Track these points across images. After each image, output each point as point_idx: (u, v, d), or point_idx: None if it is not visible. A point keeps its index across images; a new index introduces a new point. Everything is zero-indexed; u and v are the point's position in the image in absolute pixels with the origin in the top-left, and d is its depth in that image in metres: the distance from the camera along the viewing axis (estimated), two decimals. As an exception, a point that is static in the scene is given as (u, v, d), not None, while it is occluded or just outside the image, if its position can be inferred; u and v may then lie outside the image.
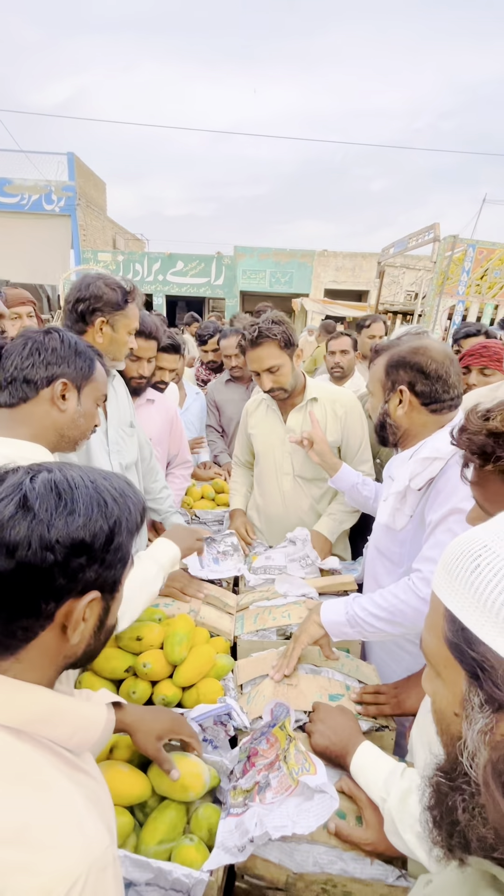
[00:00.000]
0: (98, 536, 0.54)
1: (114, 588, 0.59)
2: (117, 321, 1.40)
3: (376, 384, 1.25)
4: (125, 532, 0.58)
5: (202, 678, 1.12)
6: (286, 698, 1.04)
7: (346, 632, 1.13)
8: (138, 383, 1.79)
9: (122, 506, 0.58)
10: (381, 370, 1.22)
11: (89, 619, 0.57)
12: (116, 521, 0.56)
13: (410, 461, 1.16)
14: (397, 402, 1.20)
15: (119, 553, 0.57)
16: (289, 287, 14.23)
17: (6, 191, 12.99)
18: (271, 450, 1.84)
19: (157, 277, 14.34)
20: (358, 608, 1.12)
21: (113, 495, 0.58)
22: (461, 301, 4.63)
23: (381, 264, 6.33)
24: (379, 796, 0.79)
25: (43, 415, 0.99)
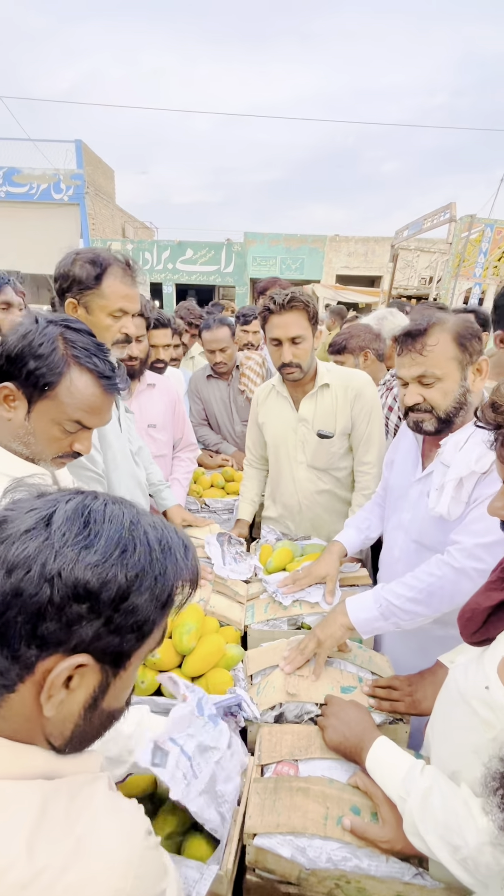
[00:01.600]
0: (108, 586, 0.44)
1: (118, 662, 0.47)
2: (90, 302, 1.22)
3: (448, 364, 1.10)
4: (147, 594, 0.46)
5: (211, 668, 1.10)
6: (297, 690, 1.01)
7: (380, 626, 1.09)
8: (131, 366, 1.71)
9: (154, 561, 0.47)
10: (449, 346, 1.10)
11: (77, 690, 0.46)
12: (138, 575, 0.45)
13: (473, 443, 1.08)
14: (474, 376, 1.12)
15: (133, 618, 0.45)
16: (300, 273, 14.01)
17: (15, 180, 12.95)
18: (283, 439, 1.78)
19: (167, 266, 14.25)
20: (391, 596, 1.07)
21: (150, 545, 0.47)
22: (478, 284, 4.48)
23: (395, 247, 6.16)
24: (397, 794, 0.76)
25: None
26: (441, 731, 0.84)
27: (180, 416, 2.02)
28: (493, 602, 0.77)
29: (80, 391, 0.88)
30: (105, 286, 1.22)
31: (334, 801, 0.82)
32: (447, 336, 1.10)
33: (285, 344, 1.55)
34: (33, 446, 0.89)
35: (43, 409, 0.87)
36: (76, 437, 0.92)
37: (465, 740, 0.75)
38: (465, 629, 0.81)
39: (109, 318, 1.25)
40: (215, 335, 2.36)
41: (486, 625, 0.78)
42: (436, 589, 1.05)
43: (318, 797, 0.82)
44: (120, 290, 1.24)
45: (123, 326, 1.27)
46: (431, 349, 1.10)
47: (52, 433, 0.89)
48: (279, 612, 1.30)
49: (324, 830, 0.78)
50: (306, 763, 0.90)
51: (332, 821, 0.79)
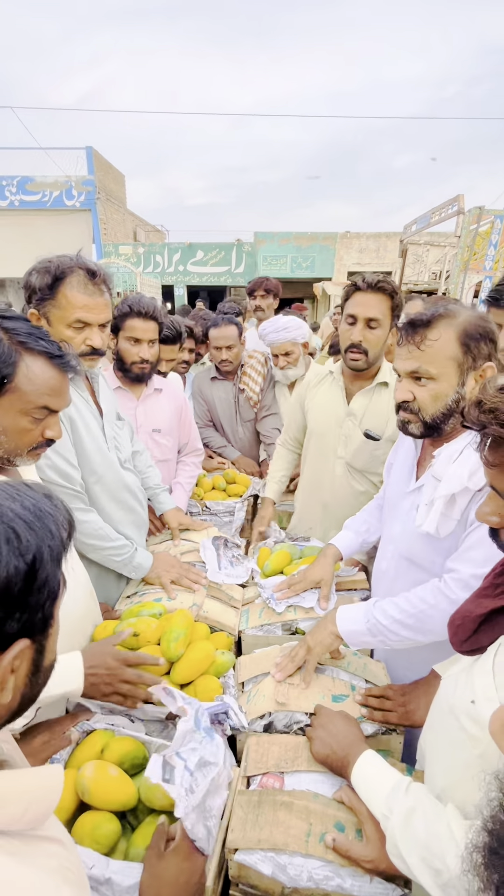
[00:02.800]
0: (13, 580, 0.43)
1: (45, 626, 0.49)
2: (49, 312, 1.16)
3: (446, 364, 0.98)
4: (49, 563, 0.46)
5: (200, 675, 1.08)
6: (286, 699, 0.98)
7: (366, 641, 1.06)
8: (141, 368, 1.69)
9: (39, 532, 0.46)
10: (452, 345, 0.97)
11: (20, 668, 0.47)
12: (35, 555, 0.45)
13: (467, 456, 0.99)
14: (474, 383, 0.98)
15: (46, 589, 0.46)
16: (311, 272, 13.93)
17: (28, 188, 13.19)
18: (327, 429, 1.70)
19: (178, 268, 14.32)
20: (381, 615, 1.03)
21: (27, 520, 0.46)
22: (489, 277, 4.37)
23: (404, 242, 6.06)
24: (381, 812, 0.73)
25: None
26: (432, 745, 0.81)
27: (186, 421, 2.00)
28: (485, 610, 0.73)
29: (38, 376, 0.86)
30: (61, 296, 1.16)
31: (318, 816, 0.79)
32: (452, 333, 0.98)
33: (359, 323, 1.49)
34: (6, 444, 0.88)
35: (7, 405, 0.85)
36: (46, 424, 0.92)
37: (454, 756, 0.72)
38: (455, 637, 0.77)
39: (69, 329, 1.18)
40: (223, 332, 2.34)
41: (476, 633, 0.74)
42: (427, 617, 0.99)
43: (301, 812, 0.80)
44: (78, 300, 1.16)
45: (87, 339, 1.20)
46: (431, 344, 0.99)
47: (21, 425, 0.88)
48: (274, 618, 1.28)
49: (305, 847, 0.75)
50: (292, 776, 0.88)
51: (315, 837, 0.77)
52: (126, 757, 0.90)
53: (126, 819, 0.88)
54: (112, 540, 1.32)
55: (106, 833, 0.80)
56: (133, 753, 0.91)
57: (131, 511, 1.48)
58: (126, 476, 1.45)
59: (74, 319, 1.18)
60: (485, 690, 0.66)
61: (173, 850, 0.69)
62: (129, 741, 0.92)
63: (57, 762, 0.93)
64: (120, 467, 1.43)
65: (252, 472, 2.41)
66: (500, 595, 0.70)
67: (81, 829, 0.80)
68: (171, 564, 1.39)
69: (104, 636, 1.15)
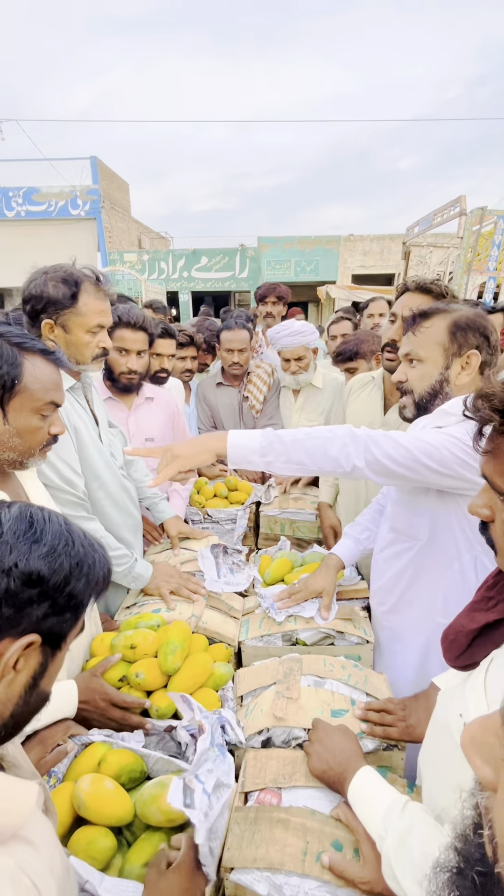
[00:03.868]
0: (57, 573, 0.51)
1: (56, 643, 0.53)
2: (69, 321, 1.23)
3: (434, 348, 1.13)
4: (84, 580, 0.53)
5: (198, 688, 1.07)
6: (284, 714, 0.97)
7: (251, 460, 1.02)
8: (129, 379, 1.71)
9: (88, 551, 0.54)
10: (441, 332, 1.12)
11: (22, 670, 0.50)
12: (79, 563, 0.52)
13: (427, 416, 1.12)
14: (460, 369, 1.12)
15: (72, 601, 0.52)
16: (315, 275, 13.94)
17: (34, 199, 13.37)
18: None
19: (182, 274, 14.40)
20: (283, 433, 1.03)
21: (82, 540, 0.54)
22: (492, 278, 4.33)
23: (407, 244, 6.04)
24: (376, 832, 0.71)
25: None
26: (429, 762, 0.79)
27: (180, 428, 2.00)
28: (478, 624, 0.71)
29: (42, 373, 0.92)
30: (81, 304, 1.23)
31: (315, 834, 0.78)
32: (443, 322, 1.12)
33: (398, 322, 1.49)
34: (21, 446, 0.93)
35: (18, 405, 0.90)
36: (51, 421, 0.96)
37: (449, 774, 0.70)
38: (448, 652, 0.75)
39: (88, 334, 1.26)
40: (236, 335, 2.36)
41: (470, 648, 0.72)
42: (327, 443, 1.01)
43: (298, 830, 0.78)
44: (96, 307, 1.25)
45: (101, 341, 1.29)
46: (423, 331, 1.13)
47: (33, 424, 0.93)
48: (273, 628, 1.27)
49: (302, 867, 0.74)
50: (290, 791, 0.86)
51: (312, 856, 0.75)
52: (123, 770, 0.90)
53: (122, 834, 0.87)
54: (112, 549, 1.32)
55: (101, 849, 0.79)
56: (131, 766, 0.90)
57: (130, 516, 1.50)
58: (125, 482, 1.48)
59: (95, 325, 1.26)
60: (476, 707, 0.64)
61: (176, 869, 0.69)
62: (126, 754, 0.92)
63: (55, 775, 0.93)
64: (118, 472, 1.45)
65: (254, 478, 2.40)
66: (492, 609, 0.69)
67: (77, 843, 0.80)
68: (171, 575, 1.39)
69: (101, 649, 1.15)
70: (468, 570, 1.12)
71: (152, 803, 0.81)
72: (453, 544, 1.12)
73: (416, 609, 1.21)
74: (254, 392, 2.47)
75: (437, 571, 1.16)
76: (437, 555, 1.15)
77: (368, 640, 1.23)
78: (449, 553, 1.13)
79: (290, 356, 2.27)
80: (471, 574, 1.11)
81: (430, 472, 0.98)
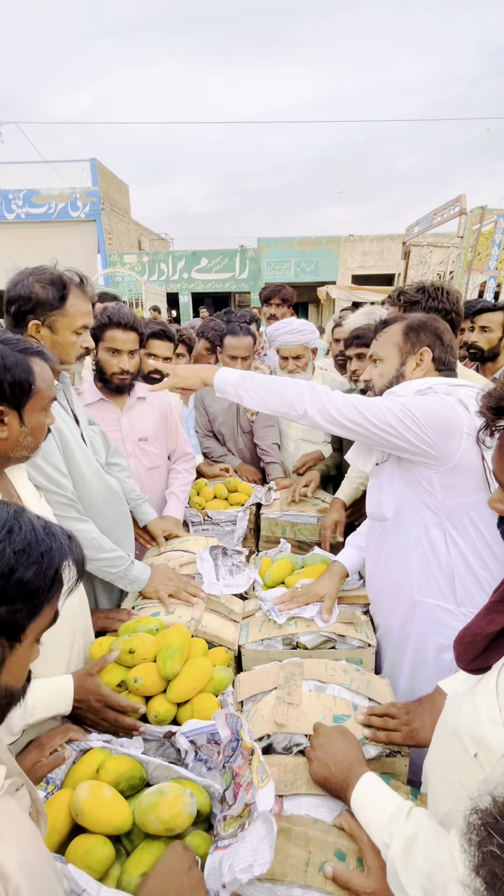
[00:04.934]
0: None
1: (12, 634, 0.50)
2: (56, 321, 1.25)
3: (390, 348, 1.26)
4: (34, 568, 0.50)
5: (197, 693, 1.05)
6: (285, 720, 0.95)
7: (227, 391, 1.21)
8: (121, 380, 1.71)
9: (41, 538, 0.51)
10: (396, 334, 1.25)
11: None
12: (24, 551, 0.50)
13: (392, 392, 1.21)
14: (415, 365, 1.23)
15: (23, 590, 0.49)
16: (315, 276, 13.94)
17: (34, 201, 13.39)
18: None
19: (182, 275, 14.41)
20: (253, 375, 1.22)
21: (34, 528, 0.52)
22: (493, 277, 4.32)
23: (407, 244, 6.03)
24: (381, 840, 0.69)
25: None
26: (436, 767, 0.78)
27: (173, 427, 1.98)
28: (497, 627, 0.69)
29: (45, 373, 0.97)
30: (69, 305, 1.26)
31: (318, 844, 0.76)
32: (399, 326, 1.25)
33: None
34: (33, 443, 0.98)
35: (32, 407, 0.94)
36: (47, 415, 1.01)
37: (457, 779, 0.69)
38: (463, 655, 0.73)
39: (74, 335, 1.29)
40: (241, 342, 2.28)
41: (486, 651, 0.71)
42: (287, 388, 1.17)
43: (300, 840, 0.77)
44: (81, 308, 1.29)
45: (84, 341, 1.32)
46: (383, 335, 1.28)
47: (42, 422, 0.98)
48: (274, 632, 1.25)
49: (304, 878, 0.72)
50: (291, 799, 0.85)
51: (315, 867, 0.73)
52: (122, 777, 0.88)
53: (121, 843, 0.85)
54: (106, 551, 1.30)
55: (98, 858, 0.77)
56: (130, 773, 0.88)
57: (119, 514, 1.49)
58: (110, 480, 1.47)
59: (81, 325, 1.29)
60: (488, 712, 0.63)
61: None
62: (125, 760, 0.90)
63: (52, 782, 0.91)
64: (102, 471, 1.44)
65: (254, 479, 2.38)
66: None
67: (74, 852, 0.78)
68: (169, 577, 1.37)
69: (100, 654, 1.13)
70: (438, 545, 1.15)
71: (151, 811, 0.79)
72: (419, 520, 1.16)
73: (392, 588, 1.24)
74: None
75: (406, 548, 1.19)
76: (404, 532, 1.20)
77: (370, 644, 1.22)
78: (417, 530, 1.17)
79: (289, 354, 2.24)
80: (441, 549, 1.15)
81: (372, 426, 1.09)
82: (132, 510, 1.65)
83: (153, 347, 2.03)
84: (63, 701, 0.96)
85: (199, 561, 1.45)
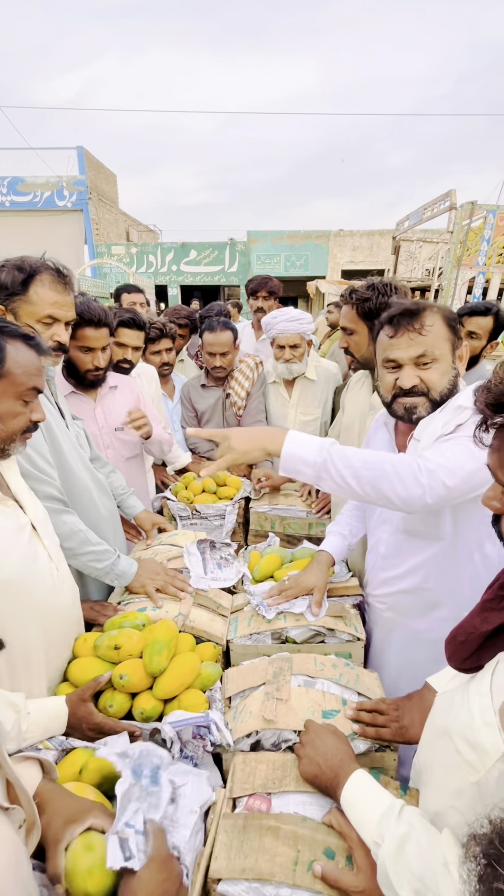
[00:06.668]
0: None
1: None
2: (18, 308, 1.21)
3: (443, 345, 1.10)
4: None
5: (185, 689, 1.03)
6: (274, 716, 0.93)
7: (301, 471, 0.99)
8: (95, 376, 1.67)
9: None
10: (443, 328, 1.10)
11: None
12: None
13: (442, 412, 1.10)
14: (459, 360, 1.14)
15: None
16: (304, 270, 13.89)
17: (19, 189, 13.07)
18: (352, 424, 1.79)
19: (171, 268, 14.24)
20: (338, 455, 0.97)
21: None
22: (482, 272, 4.33)
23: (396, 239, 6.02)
24: (371, 839, 0.68)
25: None
26: (425, 765, 0.77)
27: (147, 412, 1.92)
28: (492, 625, 0.68)
29: (24, 357, 0.91)
30: (32, 292, 1.21)
31: (306, 842, 0.75)
32: (439, 317, 1.10)
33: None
34: (3, 433, 0.91)
35: (0, 391, 0.88)
36: (32, 408, 0.95)
37: (447, 780, 0.67)
38: (456, 654, 0.72)
39: (39, 325, 1.22)
40: (218, 338, 2.23)
41: (479, 650, 0.69)
42: (383, 476, 0.96)
43: (288, 838, 0.75)
44: (48, 297, 1.22)
45: (55, 334, 1.25)
46: (430, 329, 1.09)
47: (15, 409, 0.91)
48: (263, 626, 1.23)
49: (293, 878, 0.70)
50: (280, 797, 0.83)
51: (303, 866, 0.72)
52: (105, 778, 0.86)
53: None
54: (92, 544, 1.27)
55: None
56: (113, 774, 0.86)
57: (106, 509, 1.46)
58: (97, 473, 1.44)
59: (45, 315, 1.23)
60: (483, 714, 0.61)
61: (147, 864, 0.64)
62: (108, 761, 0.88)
63: None
64: (90, 465, 1.42)
65: (243, 473, 2.36)
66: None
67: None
68: (157, 572, 1.34)
69: (85, 649, 1.10)
70: (492, 558, 1.11)
71: (89, 878, 0.65)
72: (476, 538, 1.12)
73: (425, 601, 1.20)
74: (236, 388, 2.36)
75: (455, 564, 1.14)
76: (460, 551, 1.14)
77: (359, 638, 1.20)
78: (471, 546, 1.13)
79: (286, 343, 2.20)
80: (495, 562, 1.11)
81: (483, 484, 0.92)
82: (118, 504, 1.62)
83: (122, 336, 1.97)
84: (57, 725, 0.93)
85: (187, 555, 1.43)
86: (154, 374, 2.34)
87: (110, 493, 1.53)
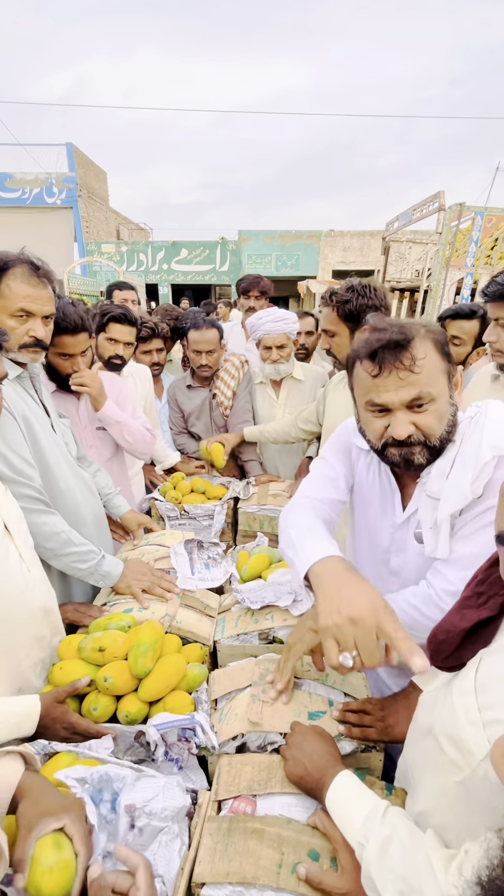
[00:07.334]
0: None
1: None
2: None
3: (439, 378, 0.89)
4: None
5: (170, 691, 1.02)
6: (260, 718, 0.93)
7: None
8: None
9: None
10: (436, 358, 0.89)
11: None
12: None
13: (461, 467, 0.90)
14: (454, 388, 0.94)
15: None
16: (295, 270, 13.92)
17: (7, 186, 12.93)
18: (334, 425, 1.77)
19: (162, 266, 14.18)
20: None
21: None
22: (470, 274, 4.37)
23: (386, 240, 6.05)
24: (356, 840, 0.68)
25: None
26: (411, 765, 0.77)
27: (129, 410, 1.90)
28: (470, 623, 0.68)
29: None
30: (4, 286, 1.19)
31: (291, 844, 0.74)
32: (430, 344, 0.89)
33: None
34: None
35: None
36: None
37: (432, 779, 0.67)
38: (437, 653, 0.72)
39: (12, 319, 1.20)
40: (204, 336, 2.20)
41: (460, 648, 0.69)
42: (417, 627, 0.94)
43: (273, 841, 0.75)
44: (21, 290, 1.20)
45: (31, 330, 1.23)
46: (423, 363, 0.86)
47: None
48: (250, 626, 1.22)
49: (277, 881, 0.70)
50: (265, 799, 0.82)
51: (287, 868, 0.71)
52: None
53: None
54: (75, 545, 1.25)
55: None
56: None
57: (92, 509, 1.45)
58: (82, 472, 1.42)
59: (17, 308, 1.20)
60: (467, 712, 0.61)
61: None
62: (92, 765, 0.86)
63: None
64: (75, 464, 1.40)
65: (232, 474, 2.35)
66: (483, 605, 0.66)
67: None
68: (143, 573, 1.33)
69: (69, 651, 1.09)
70: None
71: (48, 876, 0.63)
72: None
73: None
74: (222, 388, 2.35)
75: None
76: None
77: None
78: None
79: (273, 343, 2.19)
80: None
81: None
82: (104, 503, 1.61)
83: (113, 332, 1.93)
84: (28, 724, 0.91)
85: (174, 555, 1.42)
86: (147, 373, 2.32)
87: (96, 492, 1.51)
